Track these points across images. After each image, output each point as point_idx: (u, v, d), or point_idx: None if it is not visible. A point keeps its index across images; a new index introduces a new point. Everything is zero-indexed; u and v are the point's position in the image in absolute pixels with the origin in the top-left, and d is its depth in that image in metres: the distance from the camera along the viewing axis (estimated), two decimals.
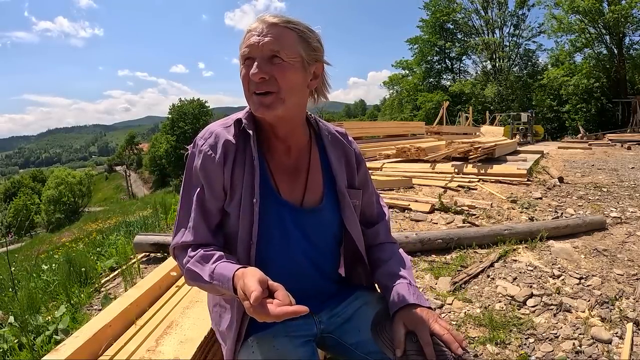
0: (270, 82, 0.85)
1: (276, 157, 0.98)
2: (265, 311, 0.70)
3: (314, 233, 1.00)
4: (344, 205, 1.02)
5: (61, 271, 3.01)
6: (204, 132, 0.96)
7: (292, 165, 0.99)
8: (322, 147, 1.04)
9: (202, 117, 40.37)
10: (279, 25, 0.87)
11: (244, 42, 0.88)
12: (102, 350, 1.44)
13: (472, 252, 3.04)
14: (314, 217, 0.99)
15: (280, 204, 0.96)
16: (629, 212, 4.22)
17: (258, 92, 0.86)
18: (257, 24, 0.88)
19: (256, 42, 0.85)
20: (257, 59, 0.85)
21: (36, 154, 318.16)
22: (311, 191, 1.00)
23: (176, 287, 1.96)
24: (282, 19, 0.87)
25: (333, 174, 1.03)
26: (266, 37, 0.85)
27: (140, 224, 4.97)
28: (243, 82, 0.89)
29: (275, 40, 0.85)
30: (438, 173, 6.27)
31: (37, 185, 49.41)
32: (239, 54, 0.90)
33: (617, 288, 2.44)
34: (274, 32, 0.86)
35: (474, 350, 1.87)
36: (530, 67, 35.87)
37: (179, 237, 0.95)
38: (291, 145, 0.98)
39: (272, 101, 0.86)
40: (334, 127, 1.10)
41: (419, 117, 32.07)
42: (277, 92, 0.86)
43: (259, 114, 0.89)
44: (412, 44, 39.72)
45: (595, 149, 11.97)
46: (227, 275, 0.82)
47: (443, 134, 14.51)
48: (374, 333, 0.96)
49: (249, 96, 0.89)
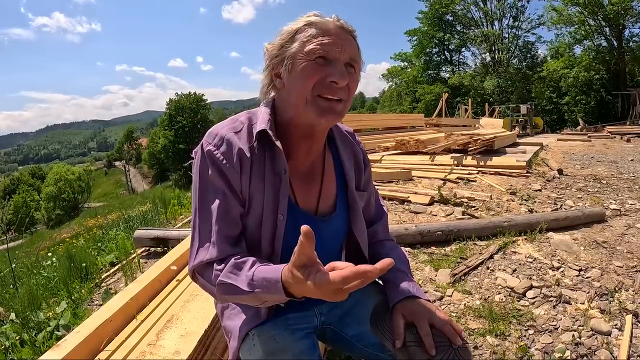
0: (344, 90, 0.83)
1: (292, 163, 0.92)
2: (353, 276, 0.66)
3: (325, 240, 0.96)
4: (354, 212, 1.00)
5: (62, 267, 3.02)
6: (213, 136, 0.87)
7: (307, 171, 0.96)
8: (335, 150, 1.02)
9: (200, 110, 40.15)
10: (352, 34, 0.85)
11: (314, 38, 0.81)
12: (103, 345, 1.44)
13: (472, 244, 3.05)
14: (328, 225, 0.97)
15: (298, 213, 0.92)
16: (628, 204, 4.22)
17: (331, 97, 0.81)
18: (328, 24, 0.82)
19: (338, 44, 0.81)
20: (337, 62, 0.81)
21: (35, 151, 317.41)
22: (325, 198, 0.98)
23: (176, 281, 1.96)
24: (352, 28, 0.85)
25: (346, 179, 1.01)
26: (347, 43, 0.82)
27: (140, 219, 4.97)
28: (308, 80, 0.80)
29: (353, 50, 0.84)
30: (437, 165, 6.26)
31: (37, 182, 49.31)
32: (302, 48, 0.81)
33: (617, 280, 2.45)
34: (350, 40, 0.84)
35: (473, 342, 1.88)
36: (529, 59, 35.75)
37: (202, 256, 0.85)
38: (313, 149, 0.94)
39: (342, 109, 0.84)
40: (343, 127, 1.08)
41: (418, 109, 32.00)
42: (346, 101, 0.84)
43: (324, 120, 0.82)
44: (411, 36, 39.57)
45: (595, 141, 11.94)
46: (272, 277, 0.74)
47: (442, 126, 14.48)
48: (374, 325, 0.96)
49: (311, 99, 0.81)
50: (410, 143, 7.67)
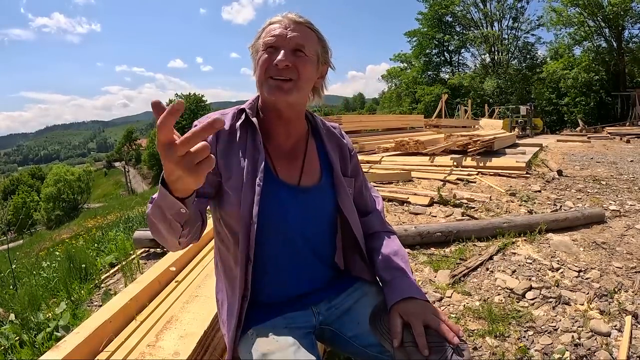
0: (291, 71, 0.92)
1: (274, 143, 1.02)
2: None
3: (311, 212, 1.02)
4: (340, 188, 1.05)
5: (61, 268, 3.01)
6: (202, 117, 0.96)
7: (290, 151, 1.03)
8: (318, 138, 1.09)
9: (200, 111, 40.16)
10: (304, 25, 0.96)
11: (268, 32, 0.95)
12: (102, 345, 1.44)
13: (471, 245, 3.05)
14: (311, 195, 1.02)
15: (278, 183, 0.98)
16: (627, 205, 4.22)
17: (278, 77, 0.92)
18: (282, 19, 0.95)
19: (283, 34, 0.93)
20: (283, 48, 0.92)
21: (35, 151, 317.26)
22: (308, 174, 1.03)
23: (176, 282, 1.96)
24: (307, 20, 0.97)
25: (330, 161, 1.07)
26: (294, 32, 0.93)
27: (139, 220, 4.97)
28: (261, 67, 0.94)
29: (301, 36, 0.94)
30: (437, 166, 6.27)
31: (36, 182, 49.29)
32: (259, 42, 0.96)
33: (616, 281, 2.45)
34: (299, 29, 0.95)
35: (473, 343, 1.88)
36: (529, 60, 35.70)
37: None
38: (291, 132, 1.03)
39: (290, 87, 0.93)
40: (330, 123, 1.17)
41: (418, 110, 32.01)
42: (296, 80, 0.93)
43: (273, 97, 0.93)
44: (410, 37, 39.55)
45: (594, 142, 11.96)
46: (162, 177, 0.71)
47: (442, 127, 14.48)
48: (372, 325, 0.96)
49: (264, 80, 0.94)
50: (409, 144, 7.69)
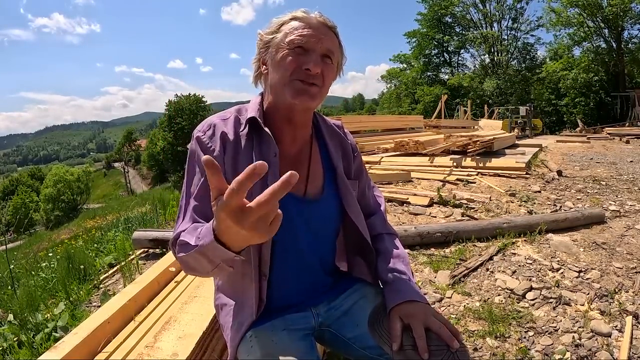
0: (319, 78, 0.90)
1: (280, 150, 0.96)
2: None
3: (317, 224, 1.00)
4: (345, 192, 1.03)
5: (60, 268, 3.00)
6: (203, 125, 0.95)
7: (295, 157, 1.00)
8: (321, 140, 1.06)
9: (200, 112, 40.13)
10: (333, 30, 0.93)
11: (294, 29, 0.89)
12: (101, 346, 1.44)
13: (471, 246, 3.04)
14: (317, 208, 0.99)
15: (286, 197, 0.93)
16: (627, 205, 4.22)
17: (307, 81, 0.89)
18: (310, 18, 0.91)
19: (316, 36, 0.89)
20: (313, 52, 0.89)
21: (34, 152, 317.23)
22: (313, 182, 1.00)
23: (175, 283, 1.95)
24: (335, 26, 0.94)
25: (333, 164, 1.04)
26: (325, 36, 0.90)
27: (138, 220, 4.96)
28: (287, 68, 0.88)
29: (332, 43, 0.92)
30: (437, 167, 6.27)
31: (36, 183, 49.26)
32: (281, 38, 0.90)
33: (617, 281, 2.45)
34: (330, 34, 0.92)
35: (473, 344, 1.88)
36: (528, 60, 35.73)
37: (180, 229, 0.86)
38: (297, 137, 1.00)
39: (315, 93, 0.90)
40: (331, 121, 1.14)
41: (417, 110, 32.00)
42: (321, 87, 0.91)
43: (297, 101, 0.89)
44: (410, 38, 39.58)
45: (594, 142, 11.96)
46: (210, 224, 0.69)
47: (441, 127, 14.47)
48: (372, 327, 0.96)
49: (288, 82, 0.89)
50: (409, 144, 7.69)
